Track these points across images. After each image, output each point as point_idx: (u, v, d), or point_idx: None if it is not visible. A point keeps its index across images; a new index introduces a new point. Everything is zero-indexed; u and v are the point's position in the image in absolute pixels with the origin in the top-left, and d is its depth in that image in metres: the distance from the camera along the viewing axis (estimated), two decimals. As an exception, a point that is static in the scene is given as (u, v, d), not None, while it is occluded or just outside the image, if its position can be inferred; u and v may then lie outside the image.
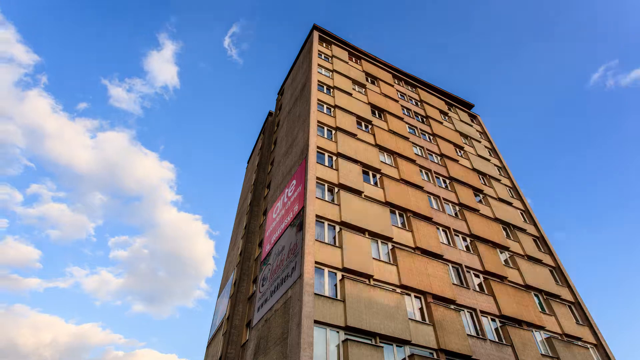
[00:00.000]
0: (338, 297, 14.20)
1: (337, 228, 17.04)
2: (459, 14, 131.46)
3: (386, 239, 17.88)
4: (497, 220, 24.84)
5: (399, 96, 32.06)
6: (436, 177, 25.15)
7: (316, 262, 14.96)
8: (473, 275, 19.65)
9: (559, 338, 18.88)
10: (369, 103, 27.10)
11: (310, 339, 12.21)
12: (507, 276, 20.63)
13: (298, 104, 26.51)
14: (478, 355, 15.48)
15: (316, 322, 12.98)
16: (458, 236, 21.54)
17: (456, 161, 27.64)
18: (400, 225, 19.38)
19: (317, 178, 18.66)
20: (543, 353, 17.41)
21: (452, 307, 16.69)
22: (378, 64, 33.85)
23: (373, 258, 16.36)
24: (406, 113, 30.20)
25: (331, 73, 27.87)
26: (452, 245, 20.54)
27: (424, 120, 31.04)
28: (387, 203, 19.83)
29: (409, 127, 28.58)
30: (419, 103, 33.26)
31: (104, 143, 56.95)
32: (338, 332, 13.21)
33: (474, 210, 24.03)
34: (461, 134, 32.65)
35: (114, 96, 61.92)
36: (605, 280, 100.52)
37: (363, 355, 12.36)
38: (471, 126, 35.28)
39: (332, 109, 24.29)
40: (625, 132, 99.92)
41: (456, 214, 23.14)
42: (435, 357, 14.38)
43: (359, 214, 17.82)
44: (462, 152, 30.02)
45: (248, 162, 41.65)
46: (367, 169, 21.31)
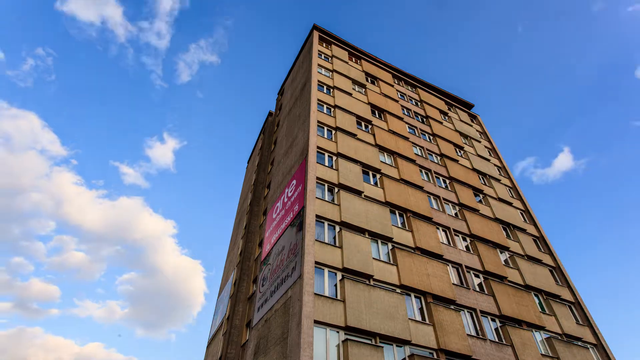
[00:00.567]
0: (338, 297, 14.20)
1: (337, 228, 17.04)
2: (459, 14, 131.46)
3: (386, 239, 17.88)
4: (497, 220, 24.84)
5: (399, 96, 32.06)
6: (436, 177, 25.15)
7: (316, 262, 14.95)
8: (473, 275, 19.65)
9: (559, 338, 18.88)
10: (369, 103, 27.09)
11: (310, 339, 12.20)
12: (507, 276, 20.63)
13: (298, 104, 26.50)
14: (478, 355, 15.48)
15: (316, 322, 12.98)
16: (458, 236, 21.53)
17: (456, 161, 27.63)
18: (400, 225, 19.37)
19: (317, 178, 18.66)
20: (543, 353, 17.41)
21: (452, 307, 16.69)
22: (378, 64, 33.85)
23: (373, 258, 16.36)
24: (406, 113, 30.19)
25: (331, 73, 27.87)
26: (452, 245, 20.54)
27: (424, 120, 31.04)
28: (387, 203, 19.83)
29: (409, 127, 28.58)
30: (419, 103, 33.26)
31: (117, 206, 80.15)
32: (338, 332, 13.21)
33: (474, 210, 24.02)
34: (461, 134, 32.65)
35: (125, 173, 76.57)
36: (605, 280, 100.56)
37: (363, 355, 12.35)
38: (471, 126, 35.28)
39: (332, 109, 24.29)
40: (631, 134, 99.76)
41: (456, 214, 23.14)
42: (435, 357, 14.37)
43: (359, 214, 17.82)
44: (462, 152, 30.01)
45: (248, 162, 41.66)
46: (367, 169, 21.30)
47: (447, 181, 25.43)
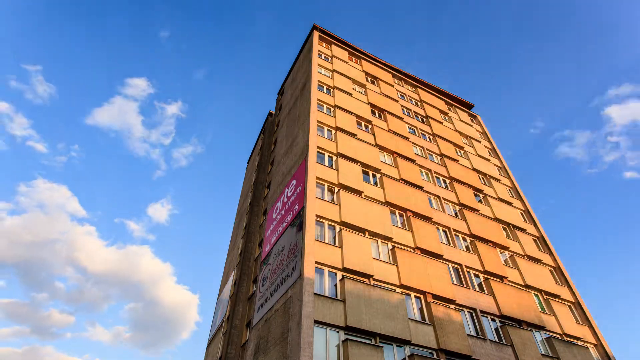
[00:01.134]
0: (338, 297, 14.20)
1: (337, 228, 17.04)
2: (460, 14, 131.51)
3: (386, 239, 17.88)
4: (497, 220, 24.84)
5: (399, 96, 32.07)
6: (436, 177, 25.15)
7: (316, 262, 14.96)
8: (473, 275, 19.65)
9: (559, 338, 18.88)
10: (369, 103, 27.10)
11: (310, 339, 12.21)
12: (507, 276, 20.63)
13: (298, 104, 26.51)
14: (478, 355, 15.48)
15: (316, 322, 12.98)
16: (458, 236, 21.53)
17: (456, 161, 27.64)
18: (400, 225, 19.37)
19: (317, 178, 18.66)
20: (543, 353, 17.41)
21: (452, 307, 16.69)
22: (378, 64, 33.86)
23: (373, 258, 16.36)
24: (406, 113, 30.20)
25: (331, 73, 27.87)
26: (452, 245, 20.54)
27: (424, 120, 31.04)
28: (387, 203, 19.83)
29: (409, 127, 28.58)
30: (419, 103, 33.26)
31: (124, 253, 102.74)
32: (338, 332, 13.21)
33: (474, 210, 24.03)
34: (461, 134, 32.66)
35: (133, 229, 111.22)
36: (605, 280, 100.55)
37: (363, 355, 12.36)
38: (471, 126, 35.30)
39: (332, 109, 24.29)
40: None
41: (456, 214, 23.14)
42: (435, 357, 14.38)
43: (359, 214, 17.82)
44: (462, 152, 30.02)
45: (248, 162, 41.66)
46: (367, 169, 21.30)
47: (447, 181, 25.43)
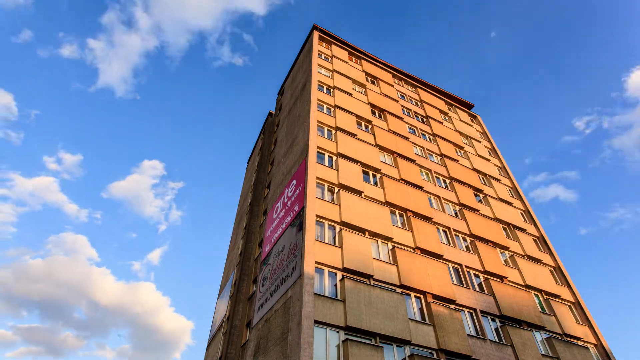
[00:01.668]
0: (338, 297, 14.20)
1: (337, 228, 17.04)
2: (459, 14, 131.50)
3: (386, 239, 17.88)
4: (497, 220, 24.84)
5: (399, 96, 32.07)
6: (436, 177, 25.15)
7: (316, 262, 14.96)
8: (473, 275, 19.65)
9: (559, 338, 18.87)
10: (369, 103, 27.10)
11: (310, 339, 12.21)
12: (507, 276, 20.63)
13: (298, 104, 26.51)
14: (478, 355, 15.48)
15: (316, 322, 12.98)
16: (458, 236, 21.53)
17: (456, 161, 27.64)
18: (400, 225, 19.38)
19: (317, 178, 18.66)
20: (543, 353, 17.41)
21: (452, 307, 16.69)
22: (378, 64, 33.86)
23: (373, 258, 16.36)
24: (406, 113, 30.20)
25: (331, 73, 27.88)
26: (452, 245, 20.54)
27: (424, 120, 31.05)
28: (387, 203, 19.83)
29: (409, 127, 28.58)
30: (419, 103, 33.26)
31: (130, 287, 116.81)
32: (338, 332, 13.21)
33: (474, 210, 24.03)
34: (461, 134, 32.66)
35: (137, 269, 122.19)
36: (605, 280, 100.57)
37: (363, 355, 12.36)
38: (471, 126, 35.29)
39: (332, 109, 24.29)
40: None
41: (456, 214, 23.14)
42: (435, 357, 14.38)
43: (359, 214, 17.82)
44: (462, 152, 30.02)
45: (248, 162, 41.66)
46: (367, 169, 21.31)
47: (447, 181, 25.43)
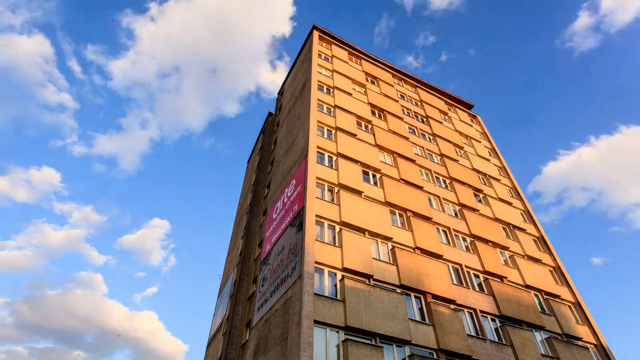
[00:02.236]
0: (338, 297, 14.20)
1: (337, 228, 17.04)
2: (459, 14, 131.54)
3: (386, 239, 17.88)
4: (497, 220, 24.84)
5: (399, 96, 32.07)
6: (436, 177, 25.15)
7: (316, 262, 14.96)
8: (473, 275, 19.65)
9: (559, 338, 18.87)
10: (369, 103, 27.10)
11: (310, 339, 12.21)
12: (507, 276, 20.63)
13: (298, 104, 26.51)
14: (478, 355, 15.48)
15: (316, 322, 12.98)
16: (458, 236, 21.53)
17: (456, 161, 27.64)
18: (400, 225, 19.38)
19: (317, 178, 18.66)
20: (543, 353, 17.41)
21: (452, 307, 16.69)
22: (378, 64, 33.86)
23: (373, 258, 16.36)
24: (406, 113, 30.20)
25: (331, 73, 27.88)
26: (452, 245, 20.54)
27: (424, 120, 31.05)
28: (387, 203, 19.83)
29: (409, 127, 28.58)
30: (419, 103, 33.27)
31: (136, 316, 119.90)
32: (338, 332, 13.21)
33: (474, 210, 24.03)
34: (461, 134, 32.65)
35: (137, 301, 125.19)
36: (605, 280, 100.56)
37: (363, 355, 12.36)
38: (471, 126, 35.30)
39: (332, 109, 24.29)
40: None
41: (456, 214, 23.14)
42: (435, 357, 14.38)
43: (359, 214, 17.82)
44: (462, 152, 30.02)
45: (248, 162, 41.67)
46: (367, 169, 21.31)
47: (447, 181, 25.43)
